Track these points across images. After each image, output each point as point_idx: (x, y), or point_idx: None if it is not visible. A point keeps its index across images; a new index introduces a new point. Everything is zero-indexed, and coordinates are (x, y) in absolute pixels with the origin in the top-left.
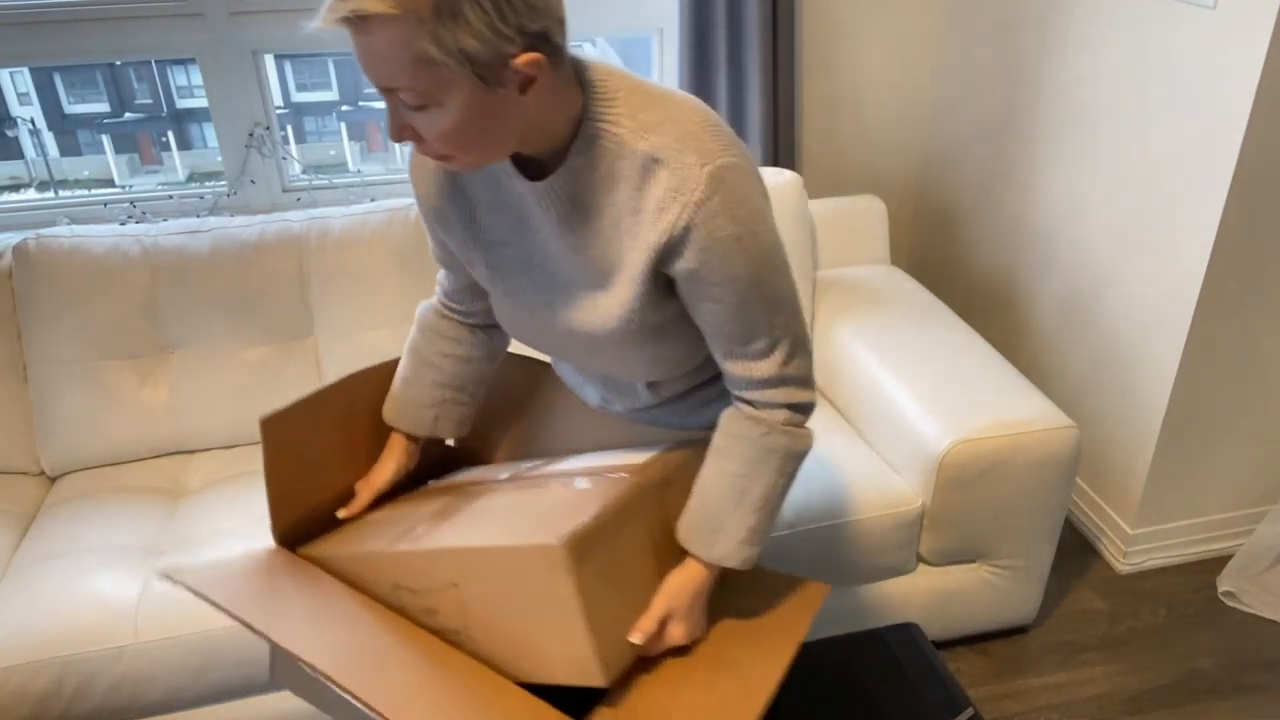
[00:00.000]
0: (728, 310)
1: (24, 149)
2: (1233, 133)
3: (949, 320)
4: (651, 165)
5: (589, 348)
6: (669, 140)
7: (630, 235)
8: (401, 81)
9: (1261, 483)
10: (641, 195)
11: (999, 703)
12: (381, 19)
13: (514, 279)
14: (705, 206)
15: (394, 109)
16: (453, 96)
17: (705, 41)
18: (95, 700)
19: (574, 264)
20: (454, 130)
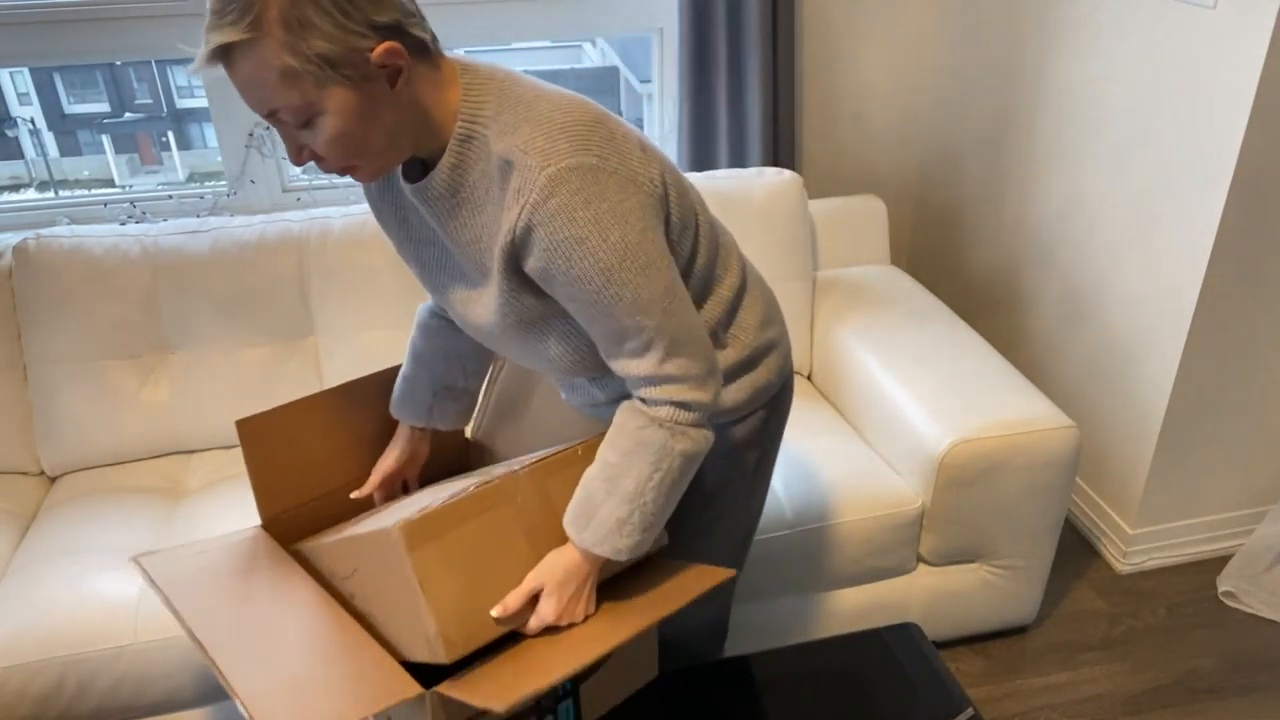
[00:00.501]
0: (587, 310)
1: (24, 149)
2: (1233, 133)
3: (949, 320)
4: (505, 166)
5: (500, 343)
6: (519, 141)
7: (494, 232)
8: (277, 101)
9: (1261, 483)
10: (503, 194)
11: (999, 703)
12: (240, 46)
13: (436, 277)
14: (542, 208)
15: (286, 133)
16: (328, 103)
17: (705, 41)
18: (95, 700)
19: (463, 260)
20: (340, 136)
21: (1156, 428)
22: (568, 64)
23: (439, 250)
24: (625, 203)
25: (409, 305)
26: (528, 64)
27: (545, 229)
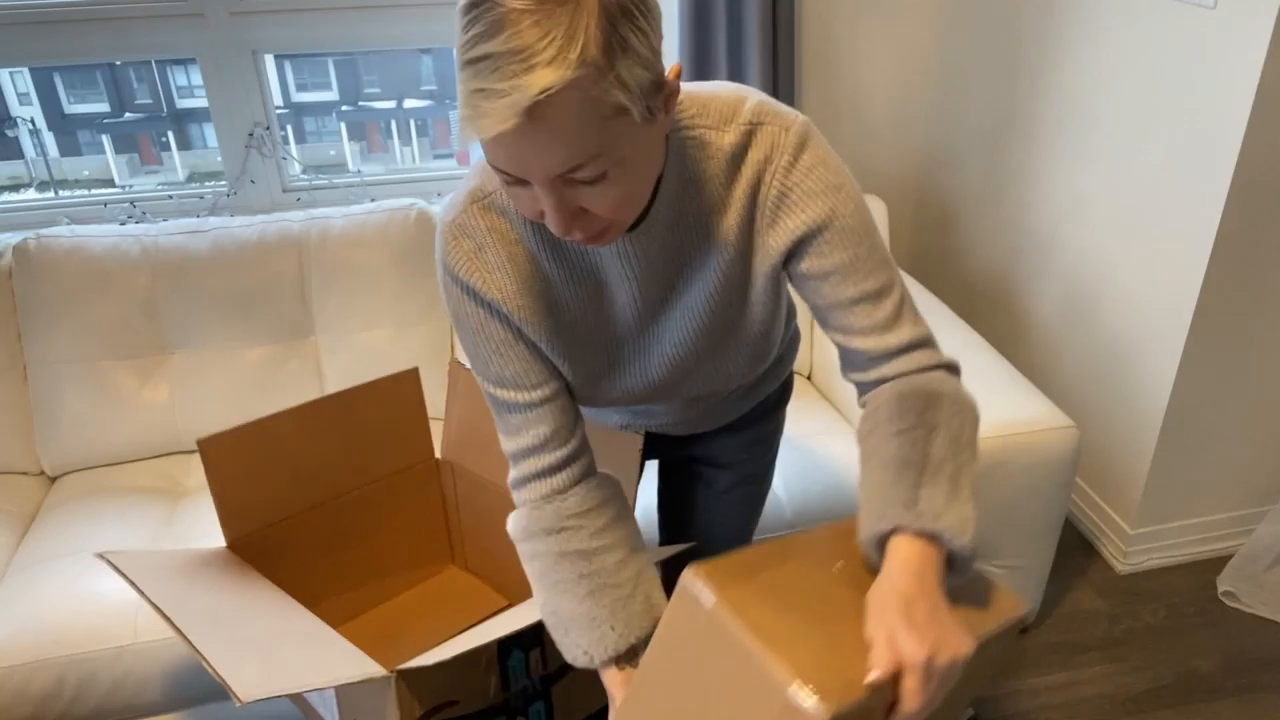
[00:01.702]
0: (845, 268)
1: (24, 149)
2: (1233, 133)
3: (949, 320)
4: (739, 149)
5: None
6: (744, 119)
7: (724, 232)
8: (589, 152)
9: (1261, 483)
10: (732, 186)
11: (999, 703)
12: (561, 92)
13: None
14: (797, 165)
15: (563, 198)
16: (634, 146)
17: (705, 41)
18: (95, 700)
19: (673, 291)
20: (636, 183)
21: (1156, 428)
22: None
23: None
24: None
25: (409, 305)
26: None
27: (806, 185)
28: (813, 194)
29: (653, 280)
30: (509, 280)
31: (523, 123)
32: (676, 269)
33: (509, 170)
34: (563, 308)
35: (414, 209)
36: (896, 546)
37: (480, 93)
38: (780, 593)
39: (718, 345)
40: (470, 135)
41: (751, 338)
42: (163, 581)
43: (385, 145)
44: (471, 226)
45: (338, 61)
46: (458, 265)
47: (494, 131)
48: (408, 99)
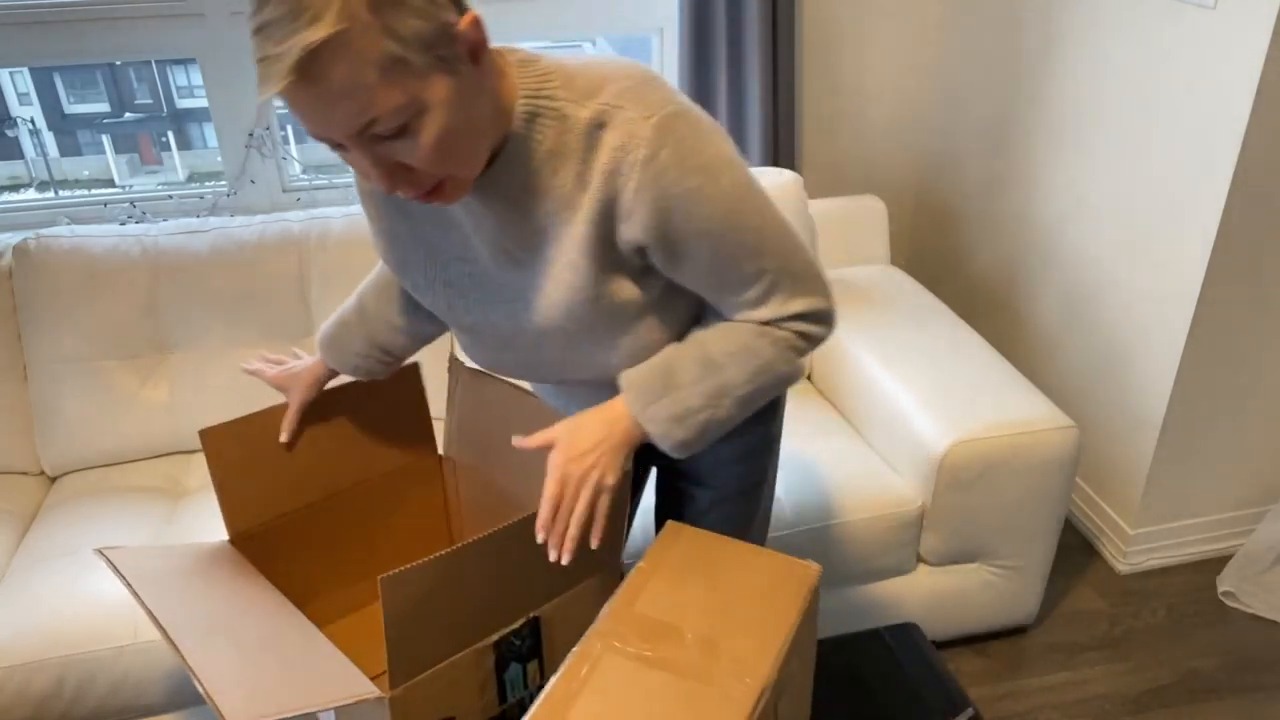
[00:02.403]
0: (705, 264)
1: (24, 149)
2: (1233, 133)
3: (949, 320)
4: (595, 131)
5: (564, 349)
6: (608, 99)
7: (579, 210)
8: (377, 105)
9: (1261, 483)
10: (589, 166)
11: (999, 703)
12: (330, 45)
13: (470, 296)
14: (655, 161)
15: (377, 156)
16: (430, 94)
17: (705, 41)
18: (95, 700)
19: (529, 255)
20: (445, 132)
21: (1156, 428)
22: None
23: (471, 266)
24: (724, 147)
25: None
26: None
27: (660, 182)
28: (667, 191)
29: (500, 239)
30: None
31: (297, 81)
32: (528, 235)
33: (317, 133)
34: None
35: None
36: (616, 402)
37: (263, 61)
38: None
39: (577, 328)
40: (261, 101)
41: (617, 328)
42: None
43: None
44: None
45: None
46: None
47: (271, 91)
48: None
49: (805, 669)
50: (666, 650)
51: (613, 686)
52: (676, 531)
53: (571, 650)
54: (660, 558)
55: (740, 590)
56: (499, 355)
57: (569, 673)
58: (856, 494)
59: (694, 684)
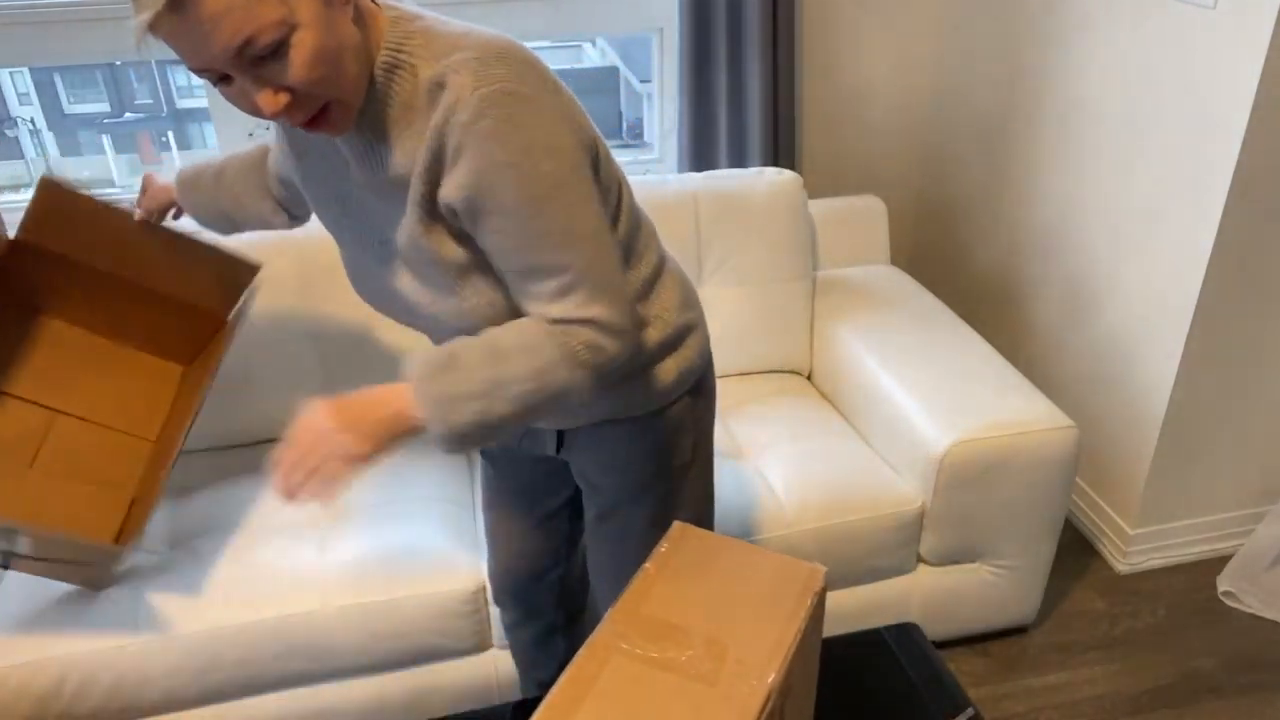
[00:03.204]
0: (508, 243)
1: (24, 149)
2: (1233, 133)
3: (949, 320)
4: (435, 88)
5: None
6: (451, 63)
7: (403, 153)
8: (251, 22)
9: (1261, 483)
10: (427, 123)
11: (999, 703)
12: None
13: (346, 230)
14: (474, 128)
15: (258, 79)
16: (300, 14)
17: (705, 41)
18: (95, 700)
19: (383, 201)
20: (319, 52)
21: (1156, 428)
22: (568, 64)
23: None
24: (559, 138)
25: None
26: None
27: (475, 149)
28: (479, 161)
29: (366, 176)
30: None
31: (169, 10)
32: (385, 180)
33: (197, 65)
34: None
35: None
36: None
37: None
38: None
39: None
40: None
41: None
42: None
43: None
44: None
45: None
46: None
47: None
48: None
49: (810, 671)
50: (673, 652)
51: (619, 688)
52: (682, 532)
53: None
54: (666, 559)
55: (746, 592)
56: (368, 285)
57: (575, 674)
58: (856, 494)
59: (701, 686)
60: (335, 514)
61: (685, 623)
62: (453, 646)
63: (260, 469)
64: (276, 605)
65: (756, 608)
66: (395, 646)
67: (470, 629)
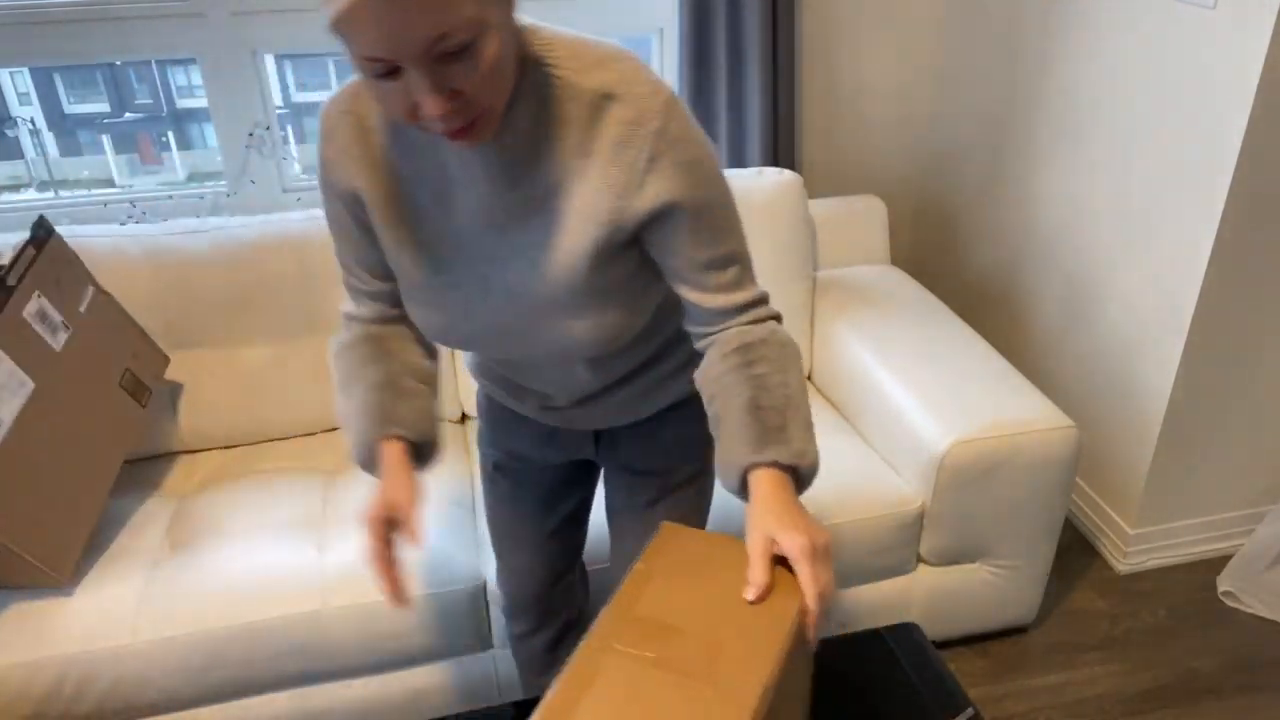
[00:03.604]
0: (702, 237)
1: (24, 149)
2: (1233, 132)
3: (949, 320)
4: (603, 102)
5: (530, 319)
6: (614, 76)
7: (582, 179)
8: (452, 18)
9: (1261, 483)
10: (593, 135)
11: (999, 703)
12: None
13: (442, 257)
14: (666, 134)
15: (435, 78)
16: (491, 15)
17: (705, 41)
18: (95, 700)
19: (516, 222)
20: (499, 58)
21: (1156, 428)
22: None
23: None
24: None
25: None
26: None
27: (671, 155)
28: (680, 164)
29: (497, 197)
30: (350, 161)
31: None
32: (525, 197)
33: (378, 52)
34: (411, 201)
35: None
36: (759, 478)
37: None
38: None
39: (556, 297)
40: (335, 9)
41: (591, 301)
42: None
43: None
44: (333, 108)
45: (338, 61)
46: (318, 145)
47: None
48: None
49: (806, 668)
50: (669, 651)
51: (616, 688)
52: (673, 532)
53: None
54: (657, 558)
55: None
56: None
57: (571, 676)
58: (856, 494)
59: (698, 684)
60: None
61: (680, 622)
62: (453, 646)
63: (260, 469)
64: (276, 605)
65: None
66: (395, 646)
67: (470, 629)
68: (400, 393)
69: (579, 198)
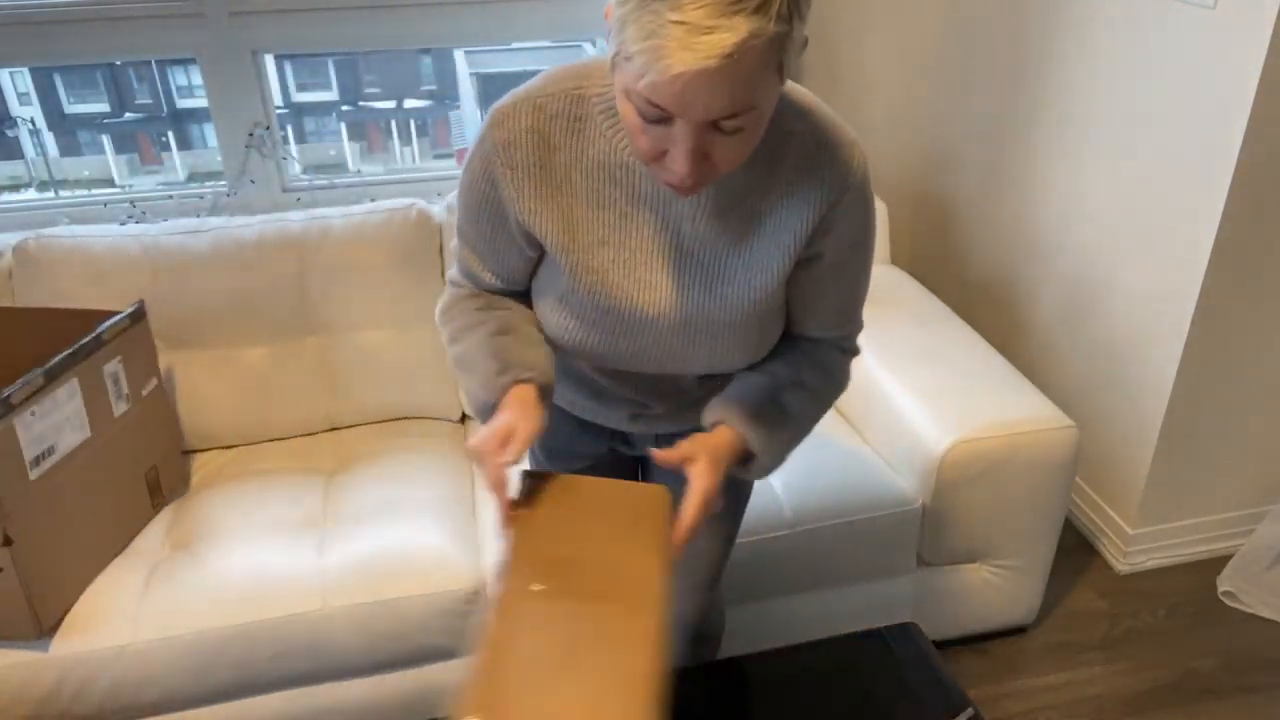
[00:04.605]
0: (843, 286)
1: (24, 149)
2: (1233, 133)
3: (949, 320)
4: (812, 147)
5: (696, 342)
6: (821, 122)
7: (786, 212)
8: (748, 101)
9: (1261, 483)
10: (800, 174)
11: (999, 703)
12: (759, 40)
13: (612, 278)
14: (858, 199)
15: (699, 141)
16: (770, 102)
17: None
18: (95, 700)
19: (707, 250)
20: (755, 138)
21: (1156, 428)
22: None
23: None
24: None
25: (409, 305)
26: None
27: (859, 204)
28: (865, 213)
29: (691, 225)
30: (528, 181)
31: (718, 64)
32: (720, 227)
33: (666, 106)
34: (591, 224)
35: (414, 209)
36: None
37: (683, 26)
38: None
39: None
40: (660, 68)
41: (755, 323)
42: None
43: (385, 145)
44: (514, 121)
45: (338, 61)
46: (485, 147)
47: (696, 67)
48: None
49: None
50: (572, 581)
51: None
52: (532, 479)
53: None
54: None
55: (611, 517)
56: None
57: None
58: (856, 494)
59: (608, 605)
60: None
61: (573, 553)
62: (453, 646)
63: (260, 469)
64: (276, 605)
65: (626, 529)
66: (395, 646)
67: (470, 629)
68: (525, 339)
69: (772, 234)
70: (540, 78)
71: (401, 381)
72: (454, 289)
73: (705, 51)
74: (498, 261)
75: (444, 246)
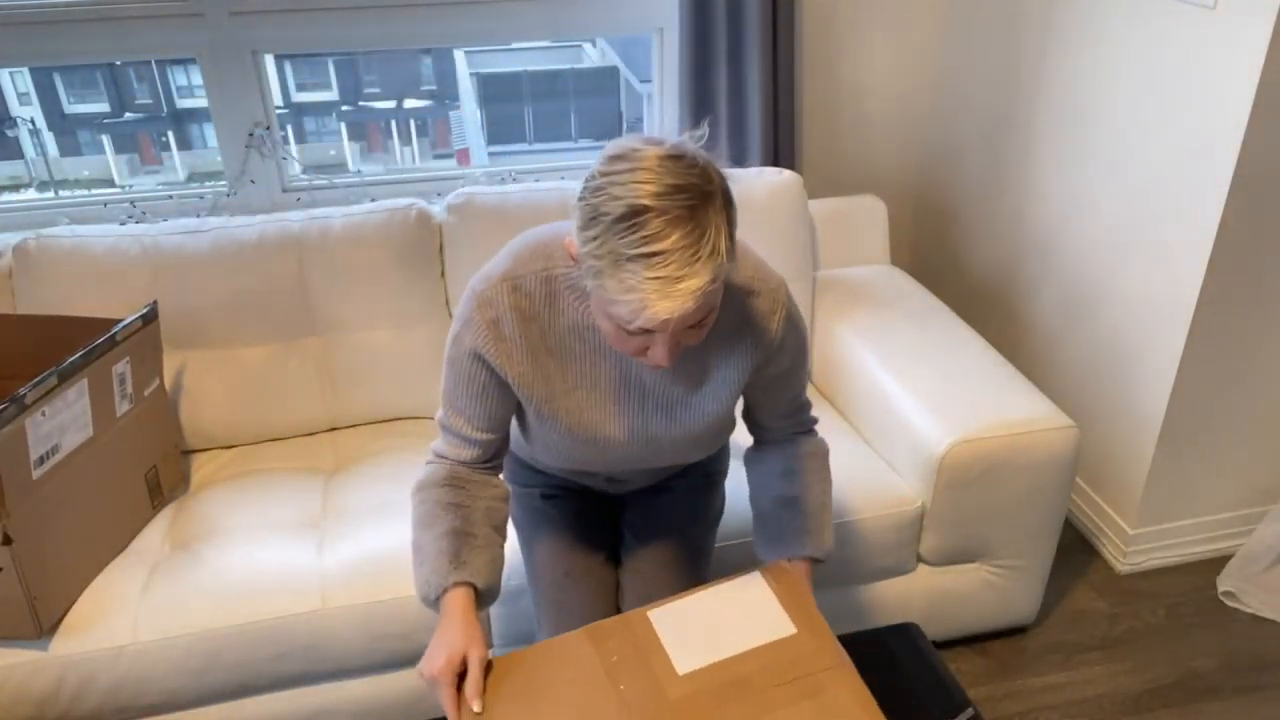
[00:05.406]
0: (792, 390)
1: (24, 149)
2: (1233, 133)
3: (949, 320)
4: (744, 295)
5: (664, 450)
6: (750, 272)
7: (727, 364)
8: (714, 304)
9: (1261, 483)
10: (732, 334)
11: (999, 703)
12: (721, 272)
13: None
14: (786, 331)
15: (675, 337)
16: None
17: (705, 41)
18: (95, 700)
19: (673, 389)
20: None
21: (1156, 428)
22: (568, 64)
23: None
24: None
25: (409, 305)
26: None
27: (793, 332)
28: (797, 338)
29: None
30: (515, 349)
31: (694, 303)
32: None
33: (648, 328)
34: (565, 375)
35: (414, 209)
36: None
37: (658, 280)
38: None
39: (691, 430)
40: (647, 316)
41: (718, 428)
42: None
43: (385, 145)
44: (497, 301)
45: (338, 61)
46: (474, 327)
47: (678, 313)
48: (408, 99)
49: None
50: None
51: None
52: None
53: None
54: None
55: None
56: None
57: None
58: (856, 494)
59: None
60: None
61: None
62: None
63: (260, 469)
64: (276, 605)
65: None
66: (395, 647)
67: None
68: (475, 542)
69: (730, 367)
70: (508, 257)
71: (401, 381)
72: (432, 466)
73: (682, 299)
74: (486, 418)
75: (444, 246)
